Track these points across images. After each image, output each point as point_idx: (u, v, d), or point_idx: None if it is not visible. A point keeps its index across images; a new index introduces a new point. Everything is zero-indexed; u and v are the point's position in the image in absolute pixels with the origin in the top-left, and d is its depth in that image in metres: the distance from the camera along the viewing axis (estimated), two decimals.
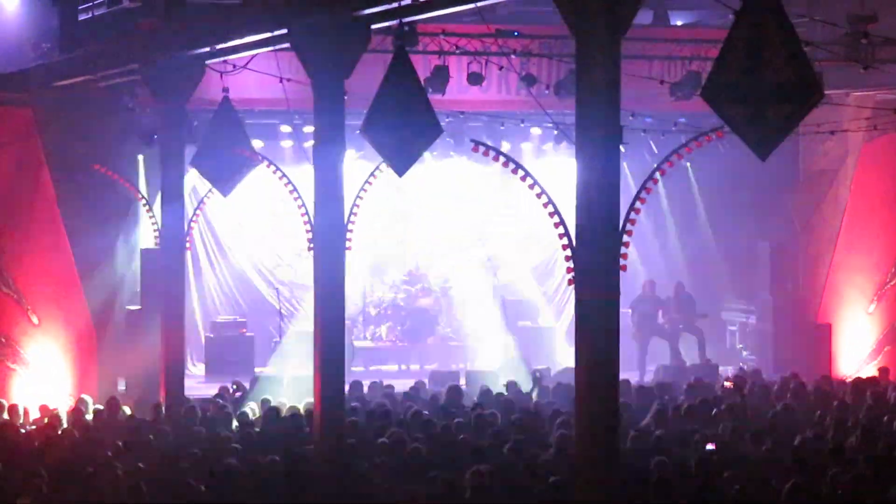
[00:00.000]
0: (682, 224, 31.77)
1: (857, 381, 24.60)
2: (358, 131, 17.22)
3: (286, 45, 19.53)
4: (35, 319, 25.21)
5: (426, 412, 20.79)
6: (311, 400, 19.66)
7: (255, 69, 21.89)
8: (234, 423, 20.66)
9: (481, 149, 19.33)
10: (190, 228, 24.47)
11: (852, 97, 26.07)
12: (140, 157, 27.19)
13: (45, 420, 21.24)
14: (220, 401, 22.84)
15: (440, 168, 30.78)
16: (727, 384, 24.46)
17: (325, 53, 18.31)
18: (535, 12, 24.72)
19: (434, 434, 18.86)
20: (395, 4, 17.13)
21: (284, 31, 19.12)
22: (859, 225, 28.61)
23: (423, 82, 18.30)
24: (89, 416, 21.36)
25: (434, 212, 31.51)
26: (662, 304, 30.01)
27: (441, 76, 23.23)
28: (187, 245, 24.23)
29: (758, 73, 11.71)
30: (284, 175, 23.31)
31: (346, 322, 19.70)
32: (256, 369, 27.85)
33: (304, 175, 22.19)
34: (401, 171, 17.54)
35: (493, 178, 30.47)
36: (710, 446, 18.05)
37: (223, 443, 18.80)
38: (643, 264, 30.63)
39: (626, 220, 15.14)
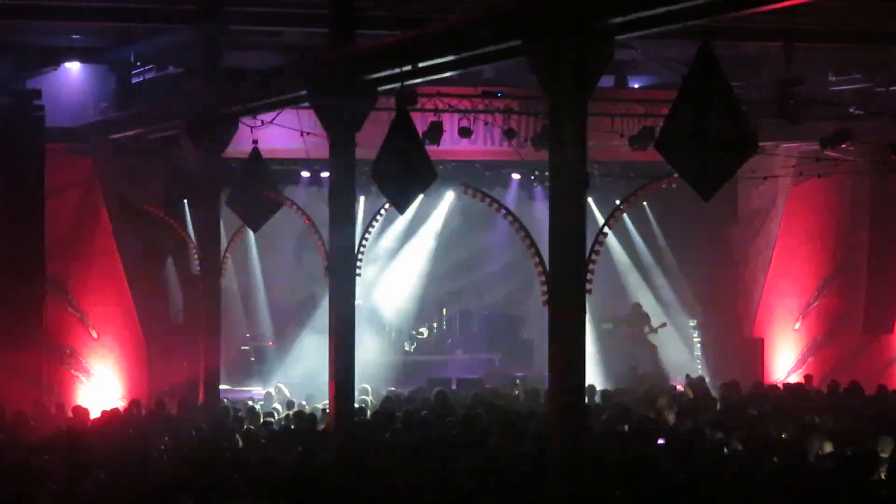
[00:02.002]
0: (643, 254, 31.69)
1: (787, 385, 24.61)
2: (366, 176, 17.21)
3: (306, 104, 19.56)
4: (95, 334, 25.15)
5: (424, 412, 20.74)
6: (327, 402, 19.62)
7: (280, 124, 21.90)
8: (261, 420, 20.60)
9: (470, 191, 19.37)
10: (225, 258, 24.43)
11: (782, 148, 26.08)
12: (185, 202, 27.22)
13: (104, 419, 21.21)
14: (250, 402, 22.83)
15: (436, 208, 30.75)
16: (679, 388, 24.46)
17: (339, 111, 18.33)
18: (516, 76, 24.76)
19: (430, 431, 18.80)
20: (397, 70, 17.19)
21: (304, 92, 19.16)
22: (787, 255, 28.64)
23: (420, 135, 18.31)
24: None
25: (432, 244, 31.41)
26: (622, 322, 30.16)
27: (436, 130, 23.25)
28: (223, 271, 24.22)
29: (702, 128, 11.70)
30: (305, 213, 23.31)
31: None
32: (280, 377, 27.90)
33: (321, 213, 22.15)
34: (402, 210, 17.53)
35: (481, 216, 30.39)
36: (660, 441, 18.02)
37: (254, 437, 18.77)
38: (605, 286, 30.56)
39: (591, 251, 15.14)
